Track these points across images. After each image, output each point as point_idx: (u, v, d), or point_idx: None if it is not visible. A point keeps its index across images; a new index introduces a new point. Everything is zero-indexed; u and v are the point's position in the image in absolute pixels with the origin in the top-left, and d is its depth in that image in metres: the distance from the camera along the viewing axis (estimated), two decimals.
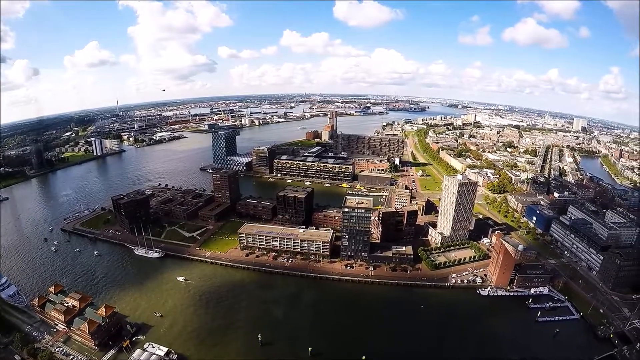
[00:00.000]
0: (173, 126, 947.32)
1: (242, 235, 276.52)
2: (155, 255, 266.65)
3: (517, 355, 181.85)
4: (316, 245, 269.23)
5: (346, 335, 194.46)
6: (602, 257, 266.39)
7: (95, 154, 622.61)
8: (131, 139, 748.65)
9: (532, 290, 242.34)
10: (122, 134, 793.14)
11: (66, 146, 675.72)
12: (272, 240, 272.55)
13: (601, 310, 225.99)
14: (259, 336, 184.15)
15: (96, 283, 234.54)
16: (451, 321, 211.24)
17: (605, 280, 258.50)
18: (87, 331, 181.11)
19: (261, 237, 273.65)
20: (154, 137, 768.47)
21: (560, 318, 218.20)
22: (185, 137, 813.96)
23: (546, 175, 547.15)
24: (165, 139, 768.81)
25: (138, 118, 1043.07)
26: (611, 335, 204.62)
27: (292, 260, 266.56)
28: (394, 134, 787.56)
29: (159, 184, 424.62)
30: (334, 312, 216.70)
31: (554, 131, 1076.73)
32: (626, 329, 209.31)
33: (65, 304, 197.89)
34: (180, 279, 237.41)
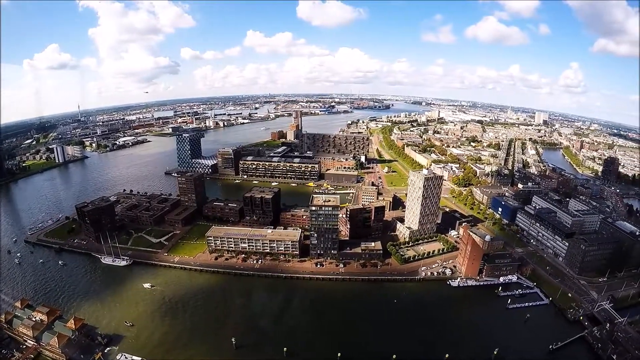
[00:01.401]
0: (136, 130, 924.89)
1: (210, 238, 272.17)
2: (123, 263, 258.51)
3: (491, 343, 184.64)
4: (285, 245, 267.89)
5: (321, 333, 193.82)
6: (567, 244, 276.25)
7: (57, 161, 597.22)
8: (94, 144, 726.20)
9: (501, 279, 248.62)
10: (84, 139, 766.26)
11: (27, 154, 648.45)
12: (241, 242, 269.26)
13: (569, 295, 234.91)
14: (233, 339, 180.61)
15: (64, 295, 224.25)
16: (424, 314, 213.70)
17: (572, 266, 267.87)
18: (57, 346, 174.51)
19: (229, 240, 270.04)
20: (117, 142, 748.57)
21: (530, 304, 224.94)
22: (149, 141, 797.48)
23: (510, 168, 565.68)
24: (128, 143, 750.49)
25: (100, 123, 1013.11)
26: (581, 318, 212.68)
27: (261, 262, 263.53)
28: (359, 132, 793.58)
29: (124, 190, 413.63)
30: (306, 311, 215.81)
31: (517, 125, 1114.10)
32: (595, 310, 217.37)
33: (33, 319, 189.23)
34: (147, 285, 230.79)
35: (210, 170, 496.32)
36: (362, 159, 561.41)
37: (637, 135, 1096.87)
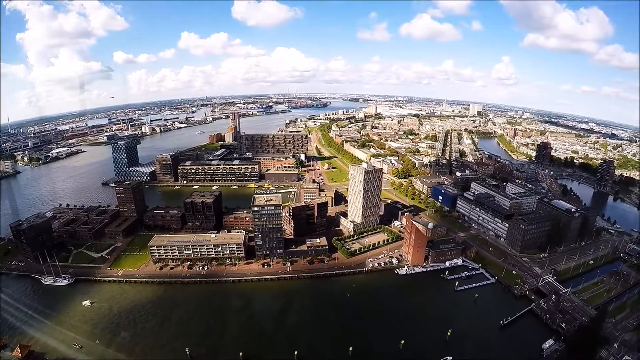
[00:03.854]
0: (70, 140, 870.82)
1: (153, 248, 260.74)
2: (65, 282, 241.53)
3: (444, 325, 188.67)
4: (230, 248, 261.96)
5: (276, 334, 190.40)
6: (507, 225, 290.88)
7: None
8: (25, 158, 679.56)
9: (447, 263, 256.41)
10: (15, 153, 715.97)
11: None
12: (185, 249, 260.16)
13: (514, 272, 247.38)
14: (187, 350, 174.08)
15: (6, 322, 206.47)
16: (376, 304, 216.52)
17: (514, 245, 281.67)
18: None
19: (173, 248, 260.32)
20: (50, 154, 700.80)
21: (478, 284, 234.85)
22: (83, 151, 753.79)
23: (447, 158, 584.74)
24: (62, 155, 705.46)
25: (32, 134, 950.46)
26: (527, 293, 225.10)
27: (208, 267, 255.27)
28: (298, 131, 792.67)
29: (60, 205, 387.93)
30: (258, 313, 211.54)
31: (452, 117, 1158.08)
32: (540, 284, 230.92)
33: None
34: (86, 303, 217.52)
35: (148, 177, 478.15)
36: (302, 157, 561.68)
37: (567, 122, 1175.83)
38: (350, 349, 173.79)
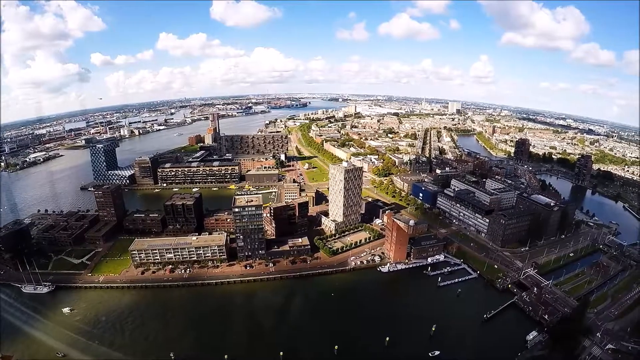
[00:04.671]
0: (47, 145, 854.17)
1: (134, 252, 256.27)
2: (45, 290, 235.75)
3: (428, 321, 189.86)
4: (212, 251, 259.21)
5: (261, 335, 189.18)
6: (488, 220, 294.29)
7: None
8: (2, 163, 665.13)
9: (429, 259, 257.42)
10: None
11: None
12: (166, 253, 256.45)
13: (496, 266, 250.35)
14: (171, 354, 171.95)
15: None
16: (359, 302, 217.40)
17: (495, 240, 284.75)
18: None
19: (154, 252, 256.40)
20: (28, 159, 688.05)
21: (460, 279, 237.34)
22: (61, 155, 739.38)
23: (427, 155, 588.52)
24: (40, 160, 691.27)
25: (8, 139, 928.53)
26: (509, 286, 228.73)
27: (190, 270, 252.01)
28: (278, 131, 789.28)
29: (39, 210, 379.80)
30: (242, 315, 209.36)
31: (431, 115, 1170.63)
32: (521, 278, 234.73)
33: None
34: (66, 310, 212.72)
35: (128, 181, 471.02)
36: (282, 157, 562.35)
37: (545, 118, 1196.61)
38: (336, 347, 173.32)
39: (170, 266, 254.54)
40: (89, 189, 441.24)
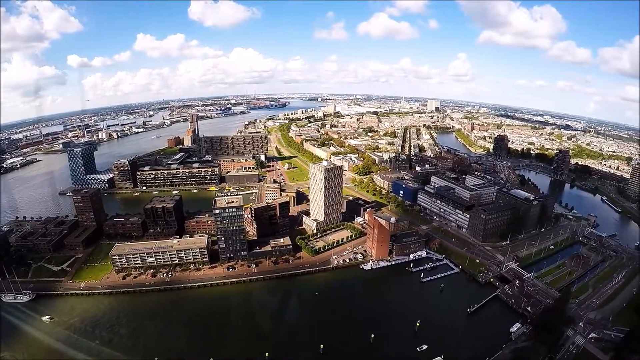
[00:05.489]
0: (24, 150, 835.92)
1: (115, 257, 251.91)
2: (25, 299, 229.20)
3: (412, 316, 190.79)
4: (194, 253, 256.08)
5: (246, 336, 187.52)
6: (468, 216, 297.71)
7: None
8: None
9: (412, 256, 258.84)
10: None
11: None
12: (148, 257, 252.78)
13: (477, 260, 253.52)
14: (156, 359, 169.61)
15: None
16: (343, 300, 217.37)
17: (476, 235, 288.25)
18: None
19: (135, 256, 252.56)
20: (4, 165, 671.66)
21: (443, 274, 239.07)
22: (38, 160, 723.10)
23: (407, 153, 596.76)
24: (17, 165, 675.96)
25: None
26: (491, 279, 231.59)
27: (172, 274, 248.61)
28: (257, 132, 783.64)
29: (17, 217, 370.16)
30: (226, 317, 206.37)
31: (411, 113, 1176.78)
32: (503, 271, 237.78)
33: None
34: (46, 318, 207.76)
35: (107, 185, 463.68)
36: (262, 158, 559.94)
37: (523, 115, 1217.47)
38: (322, 346, 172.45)
39: (152, 270, 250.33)
40: (68, 193, 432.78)
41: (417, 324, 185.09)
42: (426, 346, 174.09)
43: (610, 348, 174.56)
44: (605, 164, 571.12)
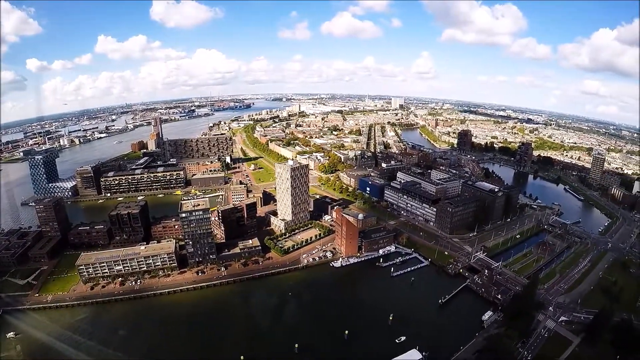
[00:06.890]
0: None
1: (82, 267, 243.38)
2: None
3: (385, 311, 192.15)
4: (162, 259, 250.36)
5: (221, 338, 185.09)
6: (435, 209, 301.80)
7: None
8: None
9: (381, 251, 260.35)
10: None
11: None
12: (115, 265, 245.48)
13: (446, 252, 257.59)
14: None
15: None
16: (315, 298, 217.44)
17: (443, 227, 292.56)
18: None
19: (102, 265, 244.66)
20: None
21: (412, 268, 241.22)
22: None
23: (372, 150, 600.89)
24: None
25: None
26: (460, 270, 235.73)
27: (140, 281, 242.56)
28: (222, 133, 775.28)
29: None
30: (198, 322, 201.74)
31: (375, 111, 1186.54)
32: (472, 262, 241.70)
33: None
34: (11, 335, 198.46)
35: (70, 193, 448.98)
36: (228, 159, 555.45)
37: (485, 110, 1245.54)
38: (296, 345, 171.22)
39: (120, 279, 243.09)
40: (30, 203, 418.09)
41: (390, 318, 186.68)
42: (404, 337, 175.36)
43: (580, 330, 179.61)
44: (567, 155, 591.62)
